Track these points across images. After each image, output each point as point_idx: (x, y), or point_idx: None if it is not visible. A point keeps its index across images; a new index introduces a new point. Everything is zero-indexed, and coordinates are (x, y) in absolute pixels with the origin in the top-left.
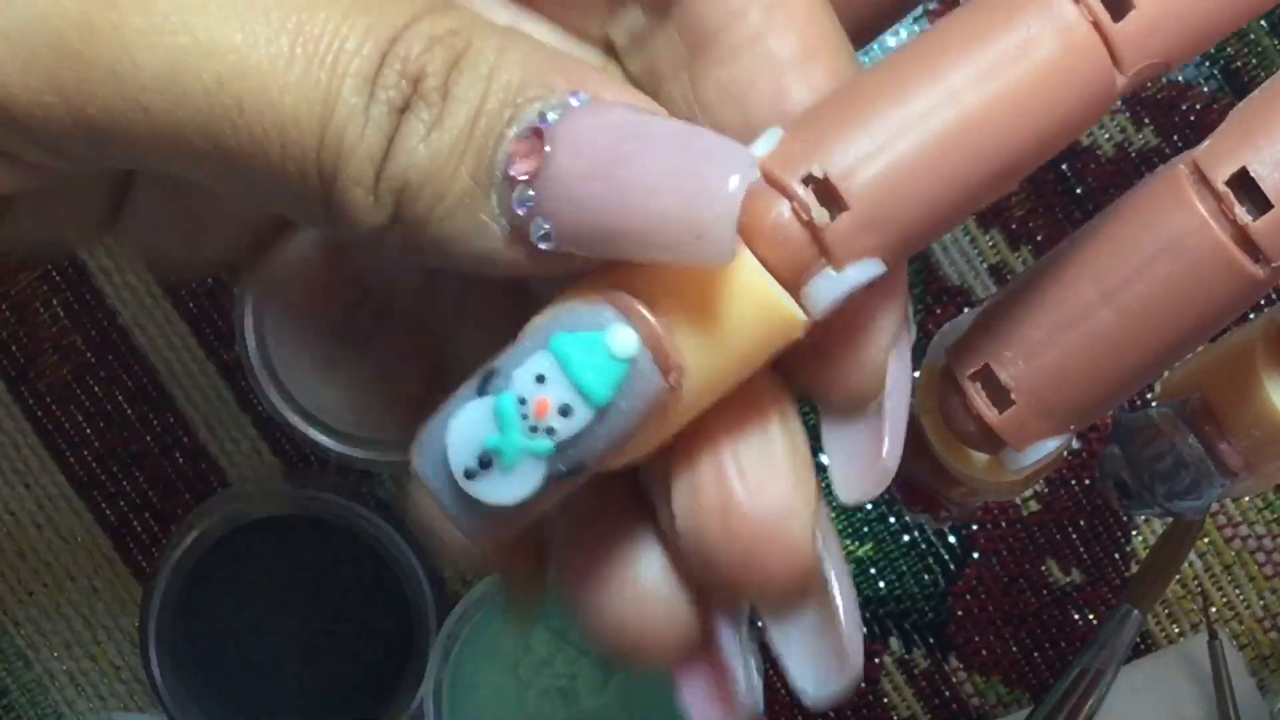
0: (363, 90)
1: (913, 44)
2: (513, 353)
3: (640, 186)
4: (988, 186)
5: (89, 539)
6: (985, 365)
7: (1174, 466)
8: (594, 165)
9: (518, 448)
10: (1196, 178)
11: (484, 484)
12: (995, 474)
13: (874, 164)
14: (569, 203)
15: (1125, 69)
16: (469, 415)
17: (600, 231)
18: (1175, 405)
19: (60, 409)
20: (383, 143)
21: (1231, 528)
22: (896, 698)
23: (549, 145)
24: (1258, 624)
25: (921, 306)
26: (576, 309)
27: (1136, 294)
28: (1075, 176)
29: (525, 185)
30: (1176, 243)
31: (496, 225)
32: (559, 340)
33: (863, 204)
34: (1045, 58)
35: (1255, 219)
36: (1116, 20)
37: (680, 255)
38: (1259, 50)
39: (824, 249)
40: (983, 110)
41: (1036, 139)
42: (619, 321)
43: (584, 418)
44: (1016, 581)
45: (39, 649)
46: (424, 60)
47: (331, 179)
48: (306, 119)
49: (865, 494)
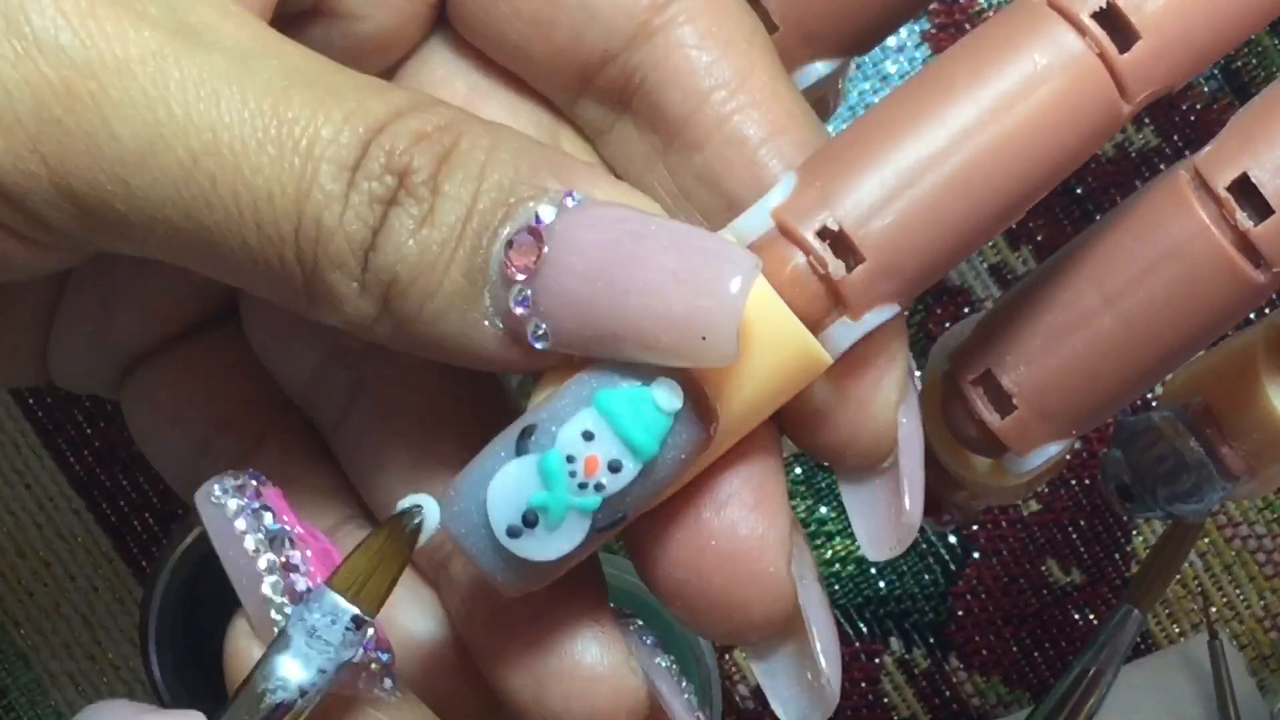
0: (340, 177)
1: (918, 79)
2: (553, 409)
3: (642, 289)
4: (999, 221)
5: (89, 539)
6: (987, 370)
7: (1176, 470)
8: (594, 266)
9: (565, 505)
10: (1198, 183)
11: (528, 542)
12: (997, 478)
13: (888, 213)
14: (569, 304)
15: (1131, 98)
16: (511, 474)
17: (601, 333)
18: (1177, 409)
19: (60, 409)
20: (366, 232)
21: (1231, 528)
22: (896, 698)
23: (547, 246)
24: (1258, 624)
25: (921, 306)
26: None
27: (1138, 299)
28: (1075, 176)
29: (523, 285)
30: (1178, 248)
31: (489, 324)
32: (605, 396)
33: (878, 255)
34: (1053, 93)
35: (1256, 224)
36: (1123, 51)
37: (682, 356)
38: (1259, 50)
39: (840, 300)
40: (993, 151)
41: (1045, 172)
42: (663, 375)
43: (631, 472)
44: (1016, 581)
45: (39, 649)
46: (410, 155)
47: (312, 264)
48: (280, 200)
49: (892, 550)
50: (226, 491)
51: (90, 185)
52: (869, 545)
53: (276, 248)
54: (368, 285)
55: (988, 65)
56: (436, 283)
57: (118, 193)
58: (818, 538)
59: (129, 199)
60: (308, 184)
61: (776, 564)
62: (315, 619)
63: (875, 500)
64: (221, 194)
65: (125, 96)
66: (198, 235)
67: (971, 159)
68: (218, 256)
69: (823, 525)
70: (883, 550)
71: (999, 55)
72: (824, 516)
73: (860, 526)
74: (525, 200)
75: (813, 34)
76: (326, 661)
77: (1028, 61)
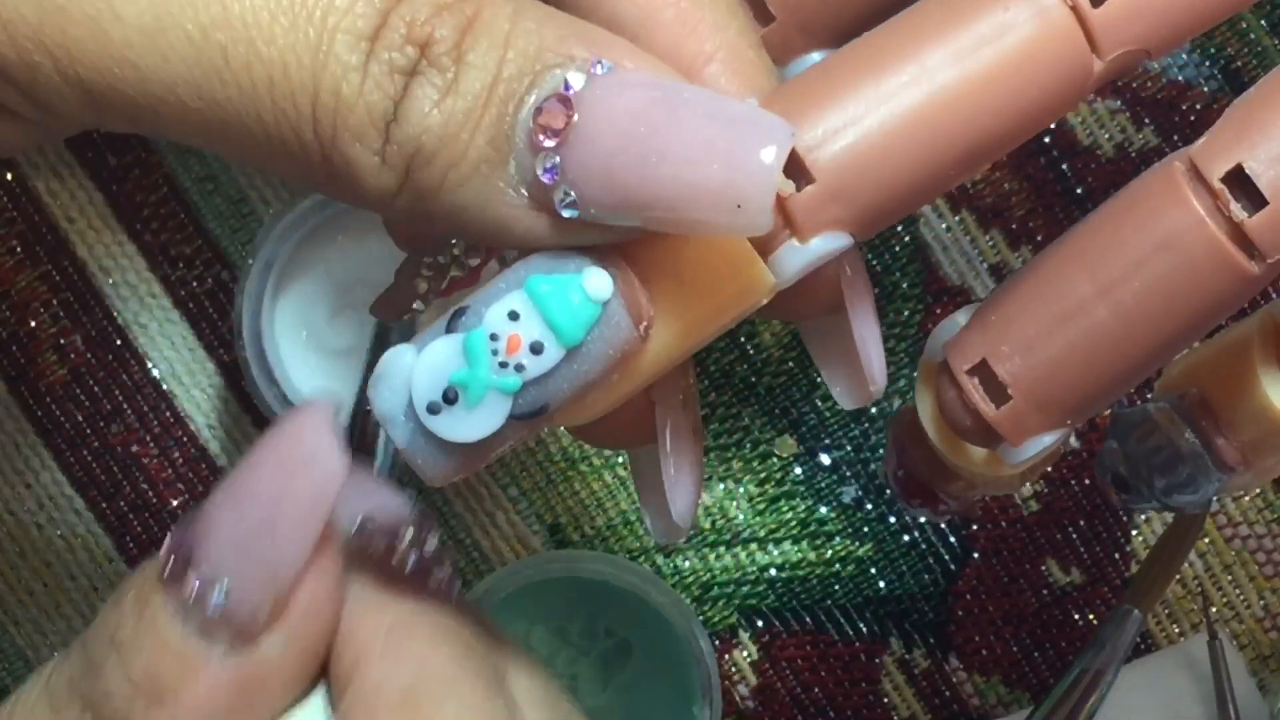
0: (358, 47)
1: (891, 23)
2: (485, 292)
3: (676, 155)
4: (958, 165)
5: (89, 539)
6: (983, 361)
7: (1171, 461)
8: (625, 133)
9: (484, 383)
10: (1192, 174)
11: (446, 420)
12: (993, 468)
13: (841, 138)
14: (600, 170)
15: (1103, 54)
16: (437, 350)
17: (630, 200)
18: (1173, 400)
19: (60, 409)
20: (387, 104)
21: (1231, 528)
22: (896, 698)
23: (577, 113)
24: (1258, 624)
25: (921, 306)
26: (553, 255)
27: (1133, 290)
28: (1075, 176)
29: (551, 152)
30: (1172, 239)
31: (514, 193)
32: (535, 280)
33: (828, 176)
34: (1021, 39)
35: (1250, 215)
36: (1096, 6)
37: (715, 224)
38: (1259, 50)
39: (789, 220)
40: (954, 89)
41: (1009, 119)
42: (595, 266)
43: (554, 356)
44: (1016, 581)
45: (39, 649)
46: (432, 25)
47: (330, 137)
48: (296, 71)
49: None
50: None
51: (97, 72)
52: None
53: (293, 122)
54: (389, 158)
55: (960, 12)
56: (461, 152)
57: (126, 77)
58: (818, 538)
59: (139, 82)
60: (324, 55)
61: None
62: None
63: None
64: (234, 68)
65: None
66: (210, 115)
67: (930, 96)
68: (230, 136)
69: (823, 525)
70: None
71: (973, 4)
72: (824, 516)
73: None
74: (552, 68)
75: (809, 25)
76: None
77: (999, 10)
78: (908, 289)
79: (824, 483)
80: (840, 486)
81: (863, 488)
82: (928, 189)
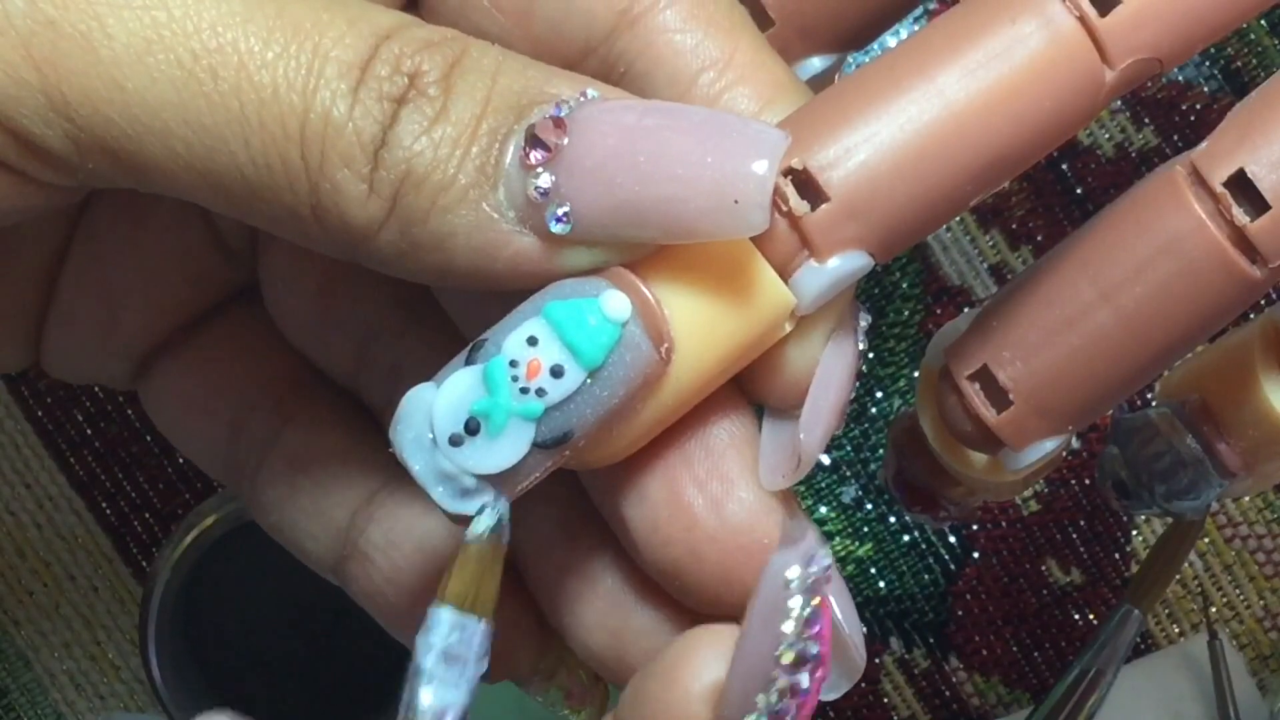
0: (348, 75)
1: (903, 44)
2: (503, 324)
3: (671, 159)
4: (975, 181)
5: (89, 539)
6: (984, 366)
7: (1172, 466)
8: (620, 143)
9: (505, 410)
10: (1194, 179)
11: (468, 451)
12: (994, 474)
13: (854, 155)
14: (592, 183)
15: (1114, 64)
16: (457, 382)
17: (624, 213)
18: (1174, 405)
19: (60, 409)
20: (376, 129)
21: (1231, 528)
22: (896, 698)
23: (569, 133)
24: (1258, 624)
25: (921, 306)
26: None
27: (1134, 295)
28: (1075, 176)
29: (543, 171)
30: (1174, 244)
31: (503, 216)
32: (553, 306)
33: (843, 195)
34: (1030, 53)
35: (1253, 220)
36: (1103, 15)
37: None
38: (1259, 50)
39: (806, 240)
40: (966, 104)
41: (1024, 134)
42: (613, 288)
43: (575, 379)
44: (1016, 581)
45: (39, 649)
46: (420, 59)
47: (319, 163)
48: (285, 94)
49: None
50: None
51: (83, 92)
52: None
53: (280, 146)
54: (377, 184)
55: (970, 29)
56: (450, 176)
57: (113, 99)
58: None
59: (125, 106)
60: (315, 79)
61: (771, 528)
62: (450, 641)
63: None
64: (223, 90)
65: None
66: (196, 143)
67: (944, 111)
68: (216, 168)
69: (823, 525)
70: (775, 479)
71: (982, 21)
72: (824, 516)
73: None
74: (539, 102)
75: (809, 29)
76: (468, 677)
77: (1008, 25)
78: (908, 289)
79: (824, 483)
80: (840, 486)
81: (862, 488)
82: (945, 206)
